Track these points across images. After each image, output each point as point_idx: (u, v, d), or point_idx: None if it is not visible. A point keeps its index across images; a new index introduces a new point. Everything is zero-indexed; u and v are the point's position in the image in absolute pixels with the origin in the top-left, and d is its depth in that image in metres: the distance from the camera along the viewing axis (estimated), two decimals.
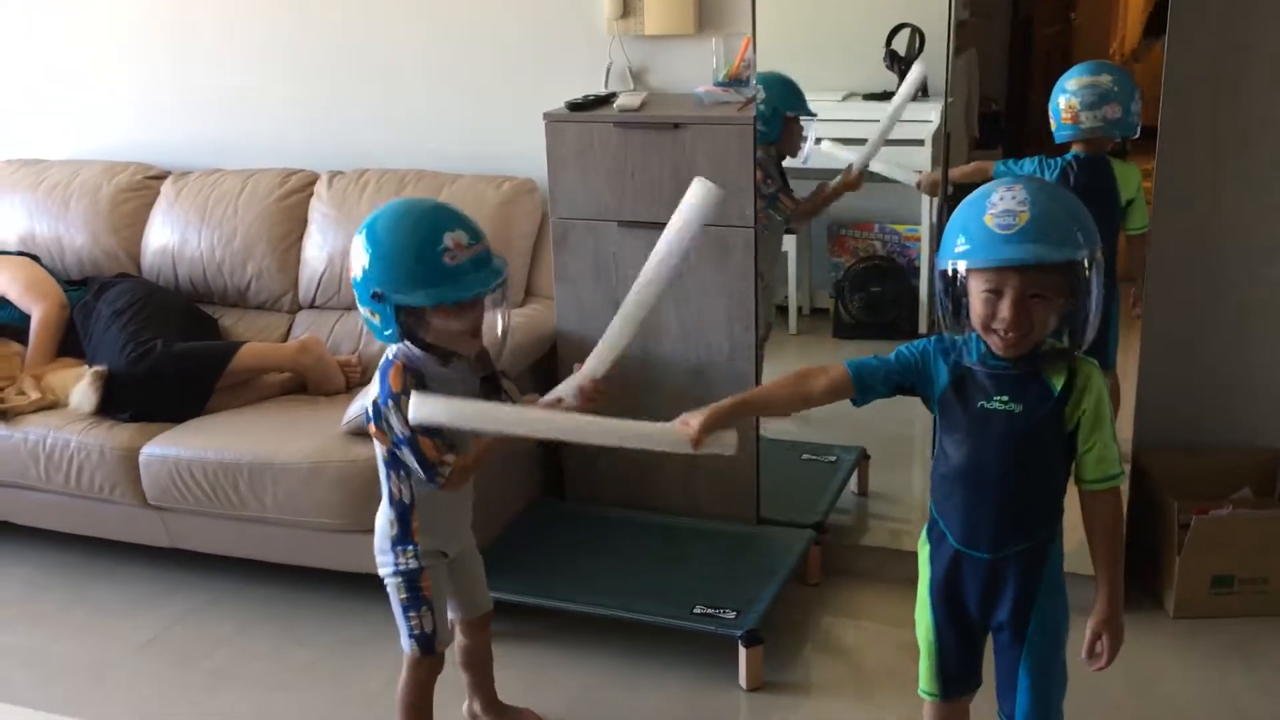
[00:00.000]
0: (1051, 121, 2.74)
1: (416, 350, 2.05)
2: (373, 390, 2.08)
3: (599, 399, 2.06)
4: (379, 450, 2.14)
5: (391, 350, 2.08)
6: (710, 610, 2.68)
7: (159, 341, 3.17)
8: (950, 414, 1.86)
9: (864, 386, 1.89)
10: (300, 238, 3.51)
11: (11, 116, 4.07)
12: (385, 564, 2.23)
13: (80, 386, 3.15)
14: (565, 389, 2.08)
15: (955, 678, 2.00)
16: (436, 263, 1.95)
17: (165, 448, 3.01)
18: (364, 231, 2.02)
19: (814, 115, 3.14)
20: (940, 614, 1.95)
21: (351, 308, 3.46)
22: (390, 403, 2.02)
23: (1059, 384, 1.80)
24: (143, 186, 3.71)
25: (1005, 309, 1.73)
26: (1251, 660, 2.69)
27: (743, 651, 2.63)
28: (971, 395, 1.83)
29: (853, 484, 3.32)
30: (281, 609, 3.07)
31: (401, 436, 2.04)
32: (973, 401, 1.83)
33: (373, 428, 2.10)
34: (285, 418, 3.10)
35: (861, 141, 3.17)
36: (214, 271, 3.56)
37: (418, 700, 2.31)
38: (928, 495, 1.98)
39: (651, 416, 3.02)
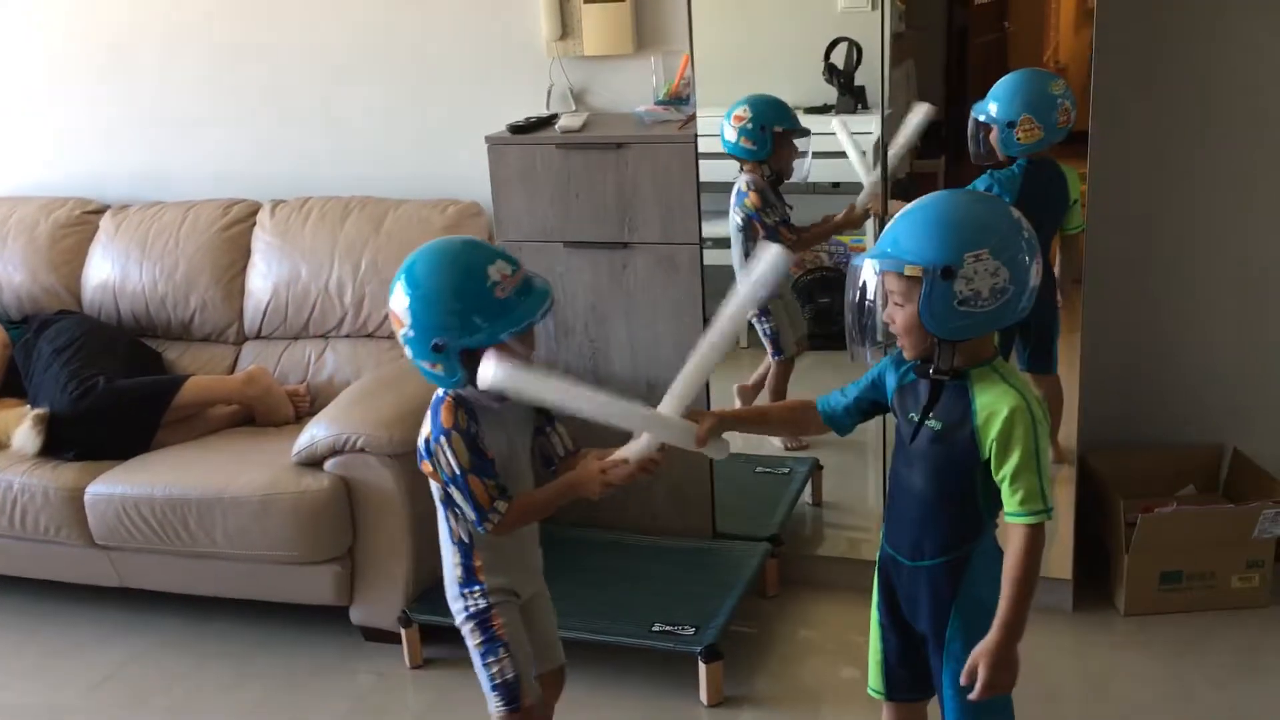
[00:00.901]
0: (1033, 133, 2.68)
1: (470, 391, 1.94)
2: (425, 428, 1.97)
3: (654, 469, 1.96)
4: (435, 489, 2.02)
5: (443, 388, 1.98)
6: (668, 627, 2.68)
7: (101, 378, 3.13)
8: (897, 422, 1.91)
9: (835, 423, 1.98)
10: (244, 268, 3.48)
11: None
12: (457, 611, 2.07)
13: (22, 430, 3.10)
14: (631, 450, 1.97)
15: (898, 679, 2.01)
16: (489, 299, 1.87)
17: (111, 486, 2.96)
18: (403, 282, 1.90)
19: (807, 132, 3.11)
20: (882, 612, 1.99)
21: (299, 337, 3.44)
22: (443, 439, 1.92)
23: (979, 405, 1.77)
24: (81, 221, 3.67)
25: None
26: (1202, 654, 2.73)
27: (702, 667, 2.63)
28: (908, 407, 1.87)
29: (807, 495, 3.33)
30: (235, 644, 3.03)
31: (452, 475, 1.94)
32: (907, 413, 1.87)
33: (426, 466, 1.98)
34: (234, 451, 3.07)
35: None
36: (157, 305, 3.52)
37: None
38: (882, 503, 2.01)
39: (604, 435, 3.03)
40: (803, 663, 2.83)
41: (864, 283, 1.83)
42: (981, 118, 2.75)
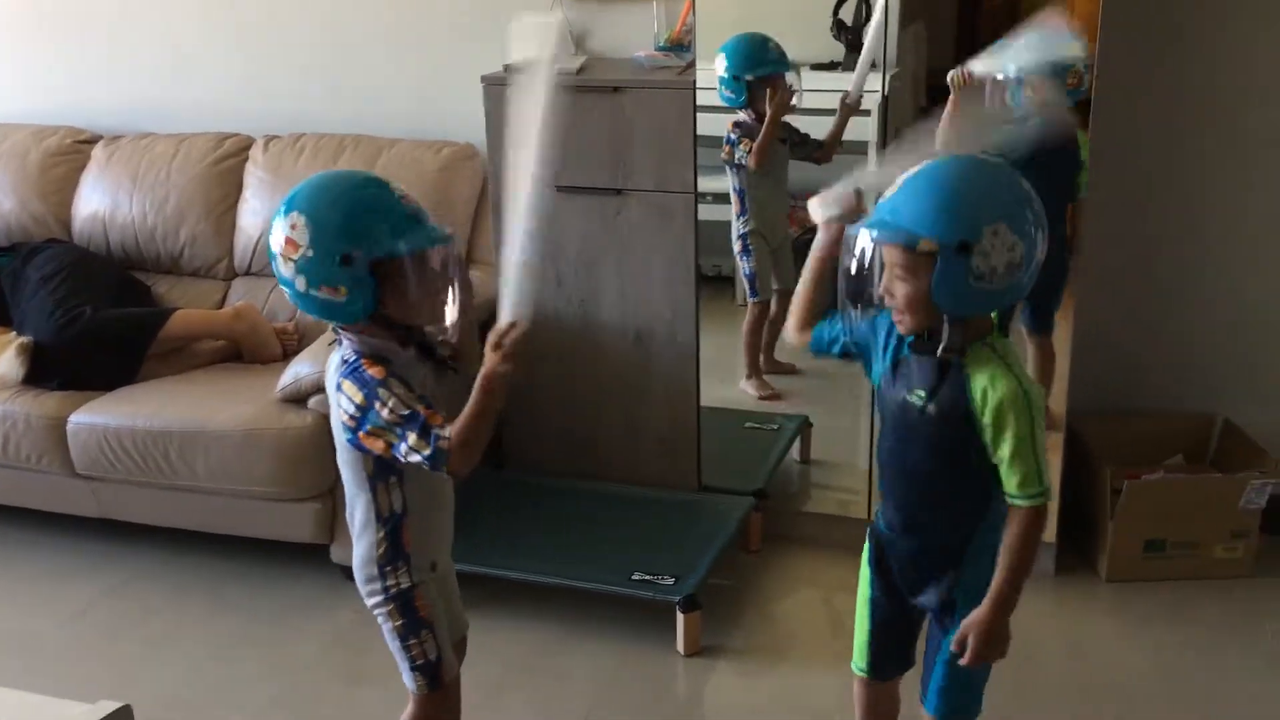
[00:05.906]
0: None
1: (372, 340, 1.82)
2: (345, 403, 1.80)
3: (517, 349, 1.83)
4: (356, 469, 1.88)
5: (345, 352, 1.82)
6: (648, 576, 2.67)
7: (88, 308, 3.10)
8: (883, 398, 1.84)
9: (817, 335, 1.89)
10: (235, 203, 3.44)
11: None
12: (374, 591, 1.94)
13: (6, 357, 3.07)
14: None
15: (886, 656, 1.97)
16: (398, 208, 1.77)
17: (94, 416, 2.95)
18: (293, 211, 1.76)
19: (784, 68, 3.08)
20: (875, 587, 1.93)
21: None
22: (382, 389, 1.77)
23: (974, 385, 1.71)
24: (73, 151, 3.62)
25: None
26: (1182, 622, 2.72)
27: (680, 617, 2.62)
28: (900, 384, 1.80)
29: (795, 451, 3.32)
30: (213, 578, 3.02)
31: (402, 418, 1.76)
32: (899, 390, 1.80)
33: (367, 438, 1.80)
34: (218, 385, 3.05)
35: (811, 112, 3.15)
36: (146, 238, 3.48)
37: None
38: (870, 463, 1.96)
39: (592, 384, 2.96)
40: (781, 617, 2.82)
41: (862, 251, 1.72)
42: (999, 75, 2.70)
